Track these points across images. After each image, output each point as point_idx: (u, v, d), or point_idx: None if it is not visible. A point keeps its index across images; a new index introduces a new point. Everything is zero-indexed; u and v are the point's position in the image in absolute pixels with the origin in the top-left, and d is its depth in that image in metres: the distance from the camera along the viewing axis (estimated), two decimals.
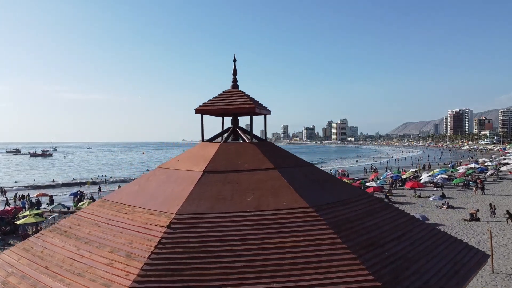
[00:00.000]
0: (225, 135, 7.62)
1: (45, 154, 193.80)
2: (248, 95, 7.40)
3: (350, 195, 6.54)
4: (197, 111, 7.27)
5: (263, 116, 7.84)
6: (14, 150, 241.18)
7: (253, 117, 7.38)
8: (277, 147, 7.58)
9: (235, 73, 7.68)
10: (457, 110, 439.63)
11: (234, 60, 7.64)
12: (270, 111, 7.93)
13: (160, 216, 5.40)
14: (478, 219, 28.76)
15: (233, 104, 7.09)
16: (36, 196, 40.27)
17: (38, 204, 37.43)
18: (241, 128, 7.58)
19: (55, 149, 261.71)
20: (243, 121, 7.94)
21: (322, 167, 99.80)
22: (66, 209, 33.05)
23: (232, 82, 7.65)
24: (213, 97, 7.44)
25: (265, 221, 5.27)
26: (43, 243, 5.82)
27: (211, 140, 7.61)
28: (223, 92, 7.52)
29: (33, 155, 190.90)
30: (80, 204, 32.86)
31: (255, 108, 6.97)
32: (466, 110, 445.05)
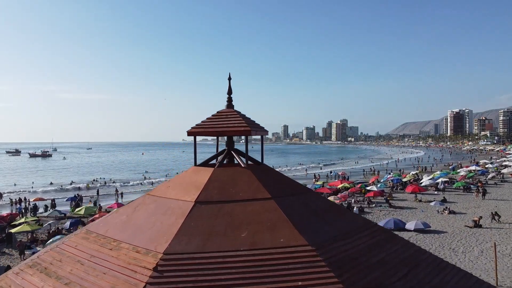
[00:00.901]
0: (219, 158, 7.21)
1: (45, 155, 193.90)
2: (243, 116, 7.00)
3: (351, 227, 6.13)
4: (189, 133, 6.88)
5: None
6: (14, 151, 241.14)
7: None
8: (274, 171, 7.17)
9: (230, 92, 7.27)
10: (457, 110, 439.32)
11: (229, 79, 7.24)
12: (267, 131, 7.53)
13: (146, 255, 4.98)
14: (480, 226, 28.37)
15: (227, 126, 6.68)
16: (33, 200, 39.77)
17: (35, 209, 37.03)
18: (237, 150, 7.17)
19: (55, 150, 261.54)
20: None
21: (321, 168, 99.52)
22: (62, 215, 32.51)
23: (227, 101, 7.25)
24: (207, 118, 7.05)
25: (260, 262, 4.85)
26: (22, 282, 5.41)
27: (204, 163, 7.20)
28: (217, 112, 7.12)
29: (33, 155, 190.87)
30: (77, 210, 32.39)
31: (251, 131, 6.56)
32: (466, 110, 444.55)
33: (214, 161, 7.41)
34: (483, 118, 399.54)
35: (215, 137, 7.55)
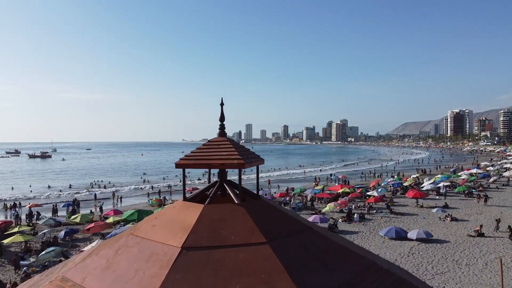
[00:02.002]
0: (211, 189, 6.62)
1: (44, 156, 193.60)
2: (237, 145, 6.42)
3: (355, 271, 5.55)
4: (177, 165, 6.29)
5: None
6: (14, 151, 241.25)
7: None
8: (271, 206, 6.58)
9: (222, 118, 6.71)
10: (457, 110, 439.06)
11: (221, 104, 6.67)
12: (263, 160, 6.95)
13: None
14: (482, 234, 27.84)
15: (219, 158, 6.10)
16: (29, 206, 39.01)
17: (30, 216, 36.38)
18: (230, 182, 6.59)
19: (54, 150, 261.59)
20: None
21: (321, 171, 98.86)
22: (58, 223, 31.79)
23: (219, 129, 6.67)
24: (197, 148, 6.47)
25: None
26: None
27: (194, 198, 6.62)
28: (209, 141, 6.54)
29: (32, 156, 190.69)
30: (73, 217, 31.69)
31: (245, 164, 5.98)
32: (467, 111, 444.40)
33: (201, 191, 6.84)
34: (483, 119, 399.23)
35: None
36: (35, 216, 35.60)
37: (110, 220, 29.49)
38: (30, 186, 69.04)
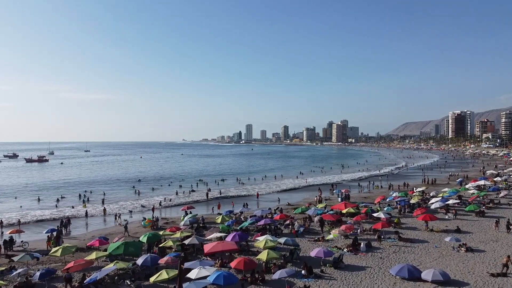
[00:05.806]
0: None
1: (41, 160, 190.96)
2: None
3: None
4: None
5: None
6: (12, 154, 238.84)
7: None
8: None
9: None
10: (458, 112, 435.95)
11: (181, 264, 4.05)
12: None
13: None
14: (505, 275, 25.05)
15: None
16: (9, 233, 35.96)
17: (11, 242, 33.53)
18: None
19: (51, 153, 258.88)
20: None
21: (320, 186, 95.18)
22: (36, 259, 28.57)
23: None
24: None
25: None
26: None
27: None
28: None
29: (29, 161, 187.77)
30: (53, 250, 28.61)
31: None
32: (468, 112, 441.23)
33: None
34: (485, 120, 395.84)
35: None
36: (8, 245, 32.63)
37: (93, 256, 26.52)
38: (15, 198, 66.34)
